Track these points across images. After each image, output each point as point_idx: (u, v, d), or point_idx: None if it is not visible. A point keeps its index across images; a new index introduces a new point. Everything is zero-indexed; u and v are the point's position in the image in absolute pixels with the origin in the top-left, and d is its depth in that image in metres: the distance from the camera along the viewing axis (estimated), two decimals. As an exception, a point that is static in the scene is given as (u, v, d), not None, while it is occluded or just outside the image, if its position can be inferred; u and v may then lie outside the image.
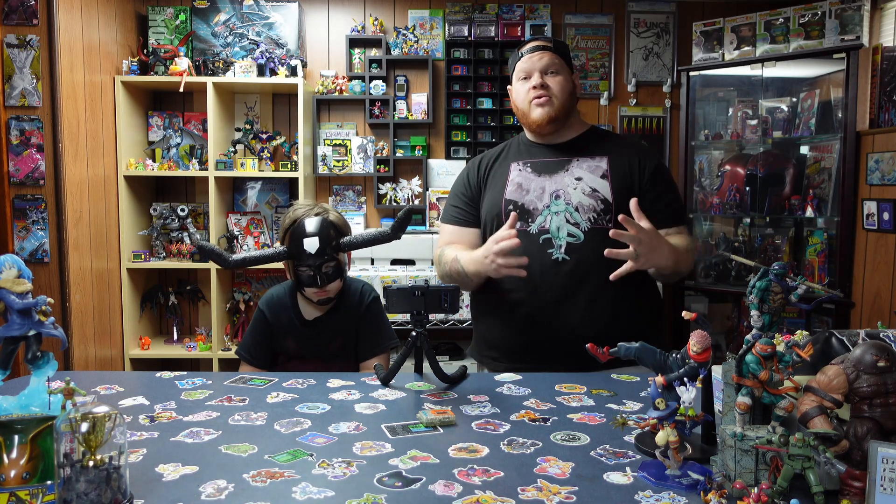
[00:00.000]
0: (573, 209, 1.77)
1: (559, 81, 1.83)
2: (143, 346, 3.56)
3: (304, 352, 1.89)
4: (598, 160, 1.83)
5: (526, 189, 1.83)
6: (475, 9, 3.82)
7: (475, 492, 0.96)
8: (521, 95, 1.87)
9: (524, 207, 1.80)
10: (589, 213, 1.77)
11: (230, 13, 3.65)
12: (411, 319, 1.52)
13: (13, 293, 1.01)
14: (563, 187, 1.79)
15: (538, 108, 1.82)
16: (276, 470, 1.04)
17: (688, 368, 1.01)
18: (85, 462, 0.85)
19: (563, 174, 1.82)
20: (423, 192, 3.78)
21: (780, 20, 3.36)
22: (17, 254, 1.14)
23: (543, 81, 1.82)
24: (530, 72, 1.84)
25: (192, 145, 3.70)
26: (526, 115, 1.86)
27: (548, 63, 1.83)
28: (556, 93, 1.82)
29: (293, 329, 1.89)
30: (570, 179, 1.81)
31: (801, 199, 3.34)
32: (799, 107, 3.40)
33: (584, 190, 1.79)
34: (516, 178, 1.86)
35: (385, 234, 1.71)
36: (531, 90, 1.83)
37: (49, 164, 2.91)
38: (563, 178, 1.81)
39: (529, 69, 1.84)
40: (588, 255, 1.73)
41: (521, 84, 1.87)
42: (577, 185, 1.80)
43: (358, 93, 3.75)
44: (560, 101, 1.83)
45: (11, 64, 2.85)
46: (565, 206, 1.77)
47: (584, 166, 1.82)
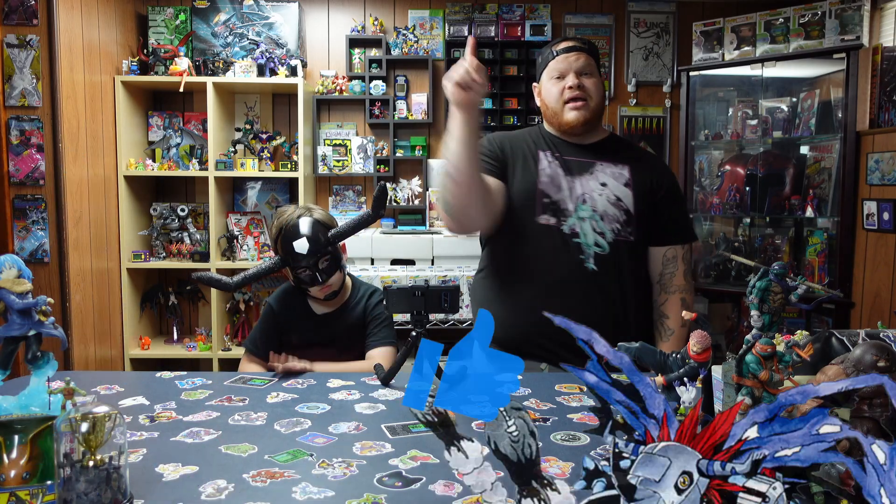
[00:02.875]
0: (598, 217, 1.75)
1: (594, 83, 1.81)
2: (143, 346, 3.56)
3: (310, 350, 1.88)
4: (621, 168, 1.81)
5: (557, 185, 1.79)
6: (475, 9, 3.82)
7: (475, 492, 0.96)
8: (553, 95, 1.82)
9: (558, 206, 1.77)
10: (613, 223, 1.75)
11: (230, 13, 3.65)
12: (411, 319, 1.52)
13: (13, 293, 1.01)
14: (589, 192, 1.77)
15: (573, 111, 1.79)
16: (276, 470, 1.04)
17: (688, 368, 1.01)
18: (85, 462, 0.85)
19: (589, 177, 1.79)
20: (423, 192, 3.78)
21: (780, 20, 3.36)
22: (17, 254, 1.14)
23: (581, 82, 1.79)
24: (565, 72, 1.80)
25: (192, 145, 3.70)
26: (557, 115, 1.82)
27: (584, 64, 1.80)
28: (592, 94, 1.80)
29: (302, 324, 1.90)
30: (596, 184, 1.78)
31: (801, 199, 3.34)
32: (799, 107, 3.40)
33: (608, 198, 1.77)
34: (547, 168, 1.81)
35: (367, 215, 1.72)
36: (567, 90, 1.79)
37: (49, 164, 2.91)
38: (589, 181, 1.79)
39: (565, 69, 1.80)
40: (611, 268, 1.73)
41: (554, 83, 1.82)
42: (603, 191, 1.77)
43: (358, 93, 3.75)
44: (595, 103, 1.81)
45: (11, 64, 2.85)
46: (591, 213, 1.75)
47: (607, 171, 1.80)
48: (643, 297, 1.82)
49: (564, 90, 1.79)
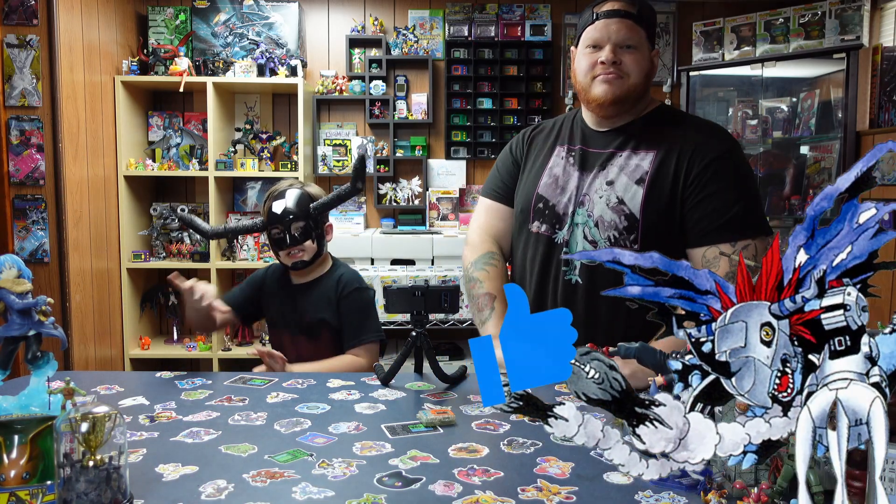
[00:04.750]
0: (593, 224, 1.53)
1: (636, 59, 1.50)
2: (143, 346, 3.56)
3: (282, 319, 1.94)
4: (643, 156, 1.53)
5: (562, 186, 1.59)
6: (475, 9, 3.82)
7: (475, 492, 0.96)
8: (583, 67, 1.54)
9: (553, 210, 1.58)
10: (609, 230, 1.52)
11: (230, 13, 3.65)
12: (411, 319, 1.52)
13: (13, 293, 1.01)
14: (591, 193, 1.55)
15: (602, 85, 1.51)
16: (276, 470, 1.04)
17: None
18: (85, 462, 0.85)
19: (599, 174, 1.56)
20: (423, 192, 3.78)
21: (780, 20, 3.36)
22: (17, 254, 1.14)
23: (616, 58, 1.49)
24: (602, 42, 1.51)
25: (192, 145, 3.70)
26: (586, 91, 1.55)
27: (626, 36, 1.49)
28: (630, 71, 1.50)
29: (278, 290, 1.95)
30: (601, 183, 1.55)
31: (801, 199, 3.34)
32: (799, 107, 3.40)
33: (609, 200, 1.52)
34: (555, 166, 1.62)
35: (346, 189, 1.77)
36: (598, 65, 1.51)
37: (49, 164, 2.91)
38: (597, 179, 1.55)
39: (601, 39, 1.51)
40: (602, 278, 1.49)
41: (588, 54, 1.53)
42: (605, 192, 1.53)
43: (358, 93, 3.75)
44: (632, 81, 1.51)
45: (11, 64, 2.85)
46: (586, 219, 1.54)
47: (624, 164, 1.54)
48: None
49: (596, 64, 1.52)
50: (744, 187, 1.48)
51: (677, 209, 1.49)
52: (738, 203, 1.45)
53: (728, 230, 1.45)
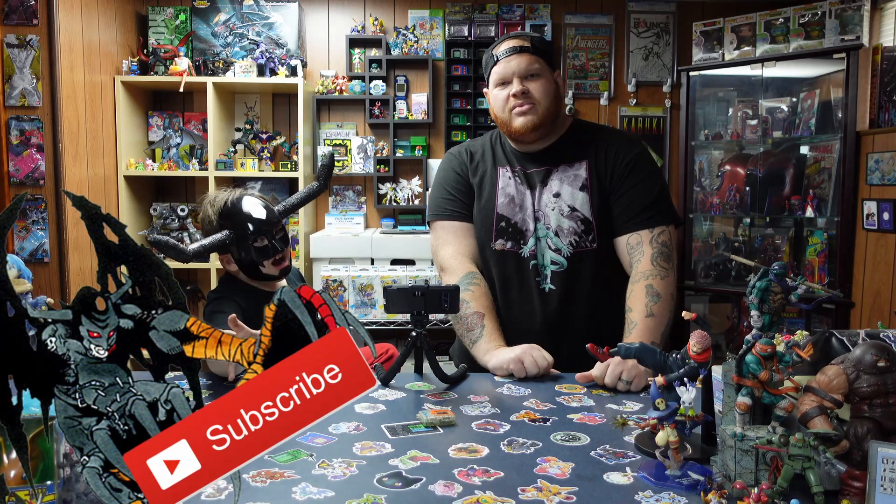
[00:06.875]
0: (553, 234, 1.69)
1: (541, 85, 1.67)
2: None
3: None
4: (578, 167, 1.71)
5: (518, 204, 1.73)
6: (475, 9, 3.82)
7: (475, 492, 0.96)
8: (499, 103, 1.71)
9: (516, 227, 1.72)
10: (570, 236, 1.68)
11: (230, 13, 3.65)
12: (411, 319, 1.52)
13: (13, 293, 1.01)
14: (542, 208, 1.70)
15: (520, 118, 1.67)
16: (276, 470, 1.04)
17: (688, 368, 1.01)
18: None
19: (544, 190, 1.72)
20: (423, 192, 3.78)
21: (780, 20, 3.36)
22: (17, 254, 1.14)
23: (524, 88, 1.66)
24: (508, 77, 1.68)
25: (192, 145, 3.70)
26: (507, 125, 1.71)
27: (527, 66, 1.67)
28: (539, 98, 1.67)
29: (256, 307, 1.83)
30: (549, 197, 1.71)
31: (801, 199, 3.34)
32: (799, 107, 3.40)
33: (562, 210, 1.69)
34: (507, 186, 1.75)
35: (313, 188, 1.71)
36: (511, 98, 1.67)
37: (49, 164, 2.91)
38: (544, 194, 1.71)
39: (507, 74, 1.68)
40: (573, 282, 1.68)
41: (500, 90, 1.71)
42: (555, 204, 1.70)
43: (358, 93, 3.75)
44: (543, 107, 1.67)
45: (11, 64, 2.85)
46: (546, 231, 1.70)
47: (563, 177, 1.71)
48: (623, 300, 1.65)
49: (509, 98, 1.68)
50: (656, 182, 1.71)
51: (611, 204, 1.70)
52: (652, 195, 1.68)
53: (646, 218, 1.66)
